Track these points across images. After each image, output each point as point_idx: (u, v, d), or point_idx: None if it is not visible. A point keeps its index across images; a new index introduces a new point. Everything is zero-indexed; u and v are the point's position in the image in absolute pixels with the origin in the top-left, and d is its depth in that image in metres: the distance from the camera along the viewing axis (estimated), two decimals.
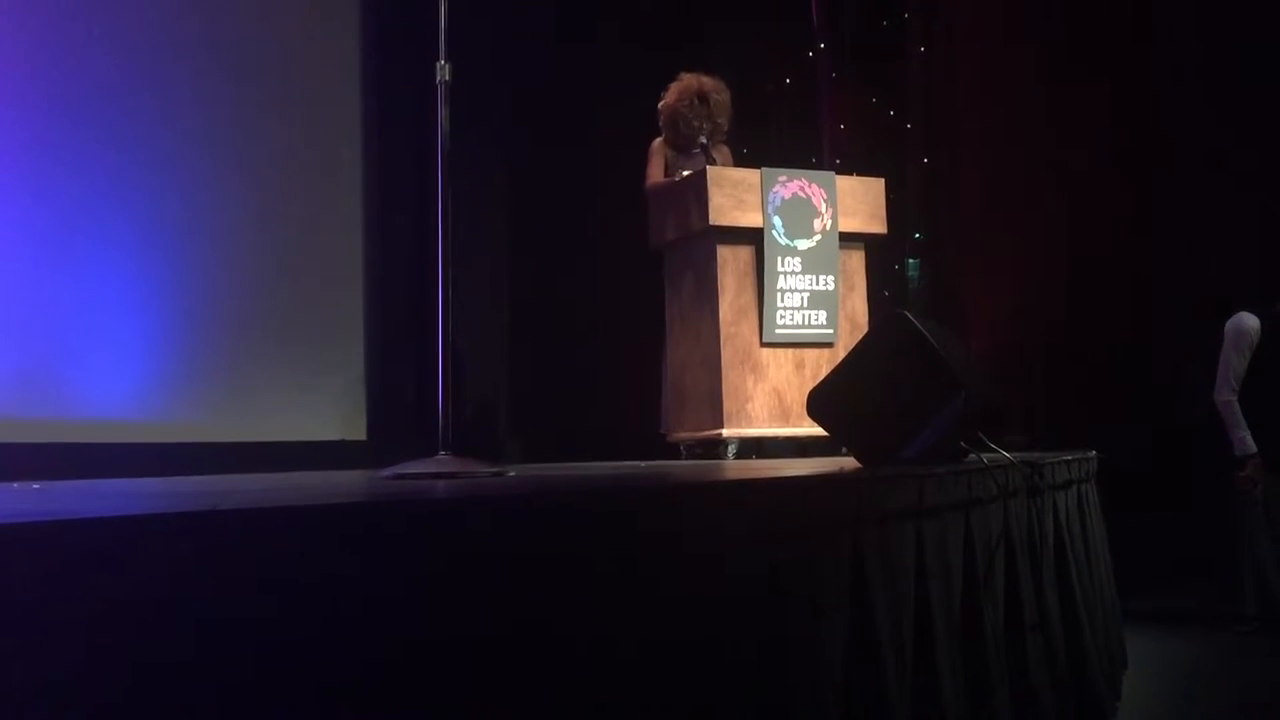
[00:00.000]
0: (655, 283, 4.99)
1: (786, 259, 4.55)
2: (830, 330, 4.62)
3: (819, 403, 2.64)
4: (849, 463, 2.74)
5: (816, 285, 4.59)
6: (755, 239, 4.54)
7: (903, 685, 1.90)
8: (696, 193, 4.55)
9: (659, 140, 5.16)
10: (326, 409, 5.84)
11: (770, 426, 4.52)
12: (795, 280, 4.56)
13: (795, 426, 4.51)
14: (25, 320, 4.89)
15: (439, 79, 2.68)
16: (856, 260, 4.79)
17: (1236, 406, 5.27)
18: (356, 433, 5.93)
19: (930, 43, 7.12)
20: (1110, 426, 5.83)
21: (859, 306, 4.76)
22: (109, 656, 0.87)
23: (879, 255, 5.47)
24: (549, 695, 1.19)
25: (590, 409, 6.29)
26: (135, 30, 5.30)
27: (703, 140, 5.03)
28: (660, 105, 5.13)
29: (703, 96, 5.06)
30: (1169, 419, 5.80)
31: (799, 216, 4.58)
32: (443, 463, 2.50)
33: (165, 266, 5.30)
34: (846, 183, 4.76)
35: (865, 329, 4.64)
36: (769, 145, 6.43)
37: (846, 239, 4.71)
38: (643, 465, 3.81)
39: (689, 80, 5.10)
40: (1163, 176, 6.28)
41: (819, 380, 2.79)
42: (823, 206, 4.62)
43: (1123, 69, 6.42)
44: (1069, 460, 3.39)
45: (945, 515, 2.21)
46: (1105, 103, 6.48)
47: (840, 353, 4.43)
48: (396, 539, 1.09)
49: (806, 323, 4.58)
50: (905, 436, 2.43)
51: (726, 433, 4.45)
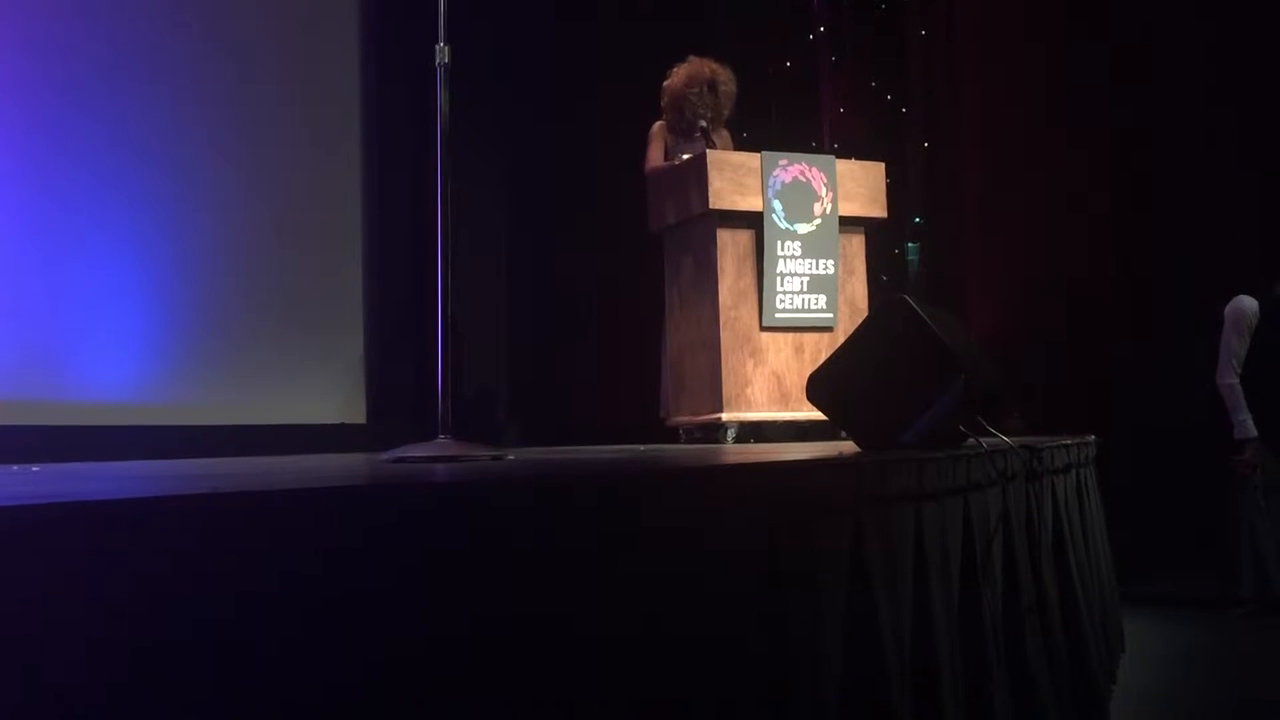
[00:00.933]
0: (655, 266, 4.98)
1: (786, 243, 4.54)
2: (830, 314, 4.62)
3: (818, 387, 2.64)
4: (848, 447, 2.74)
5: (816, 269, 4.59)
6: (755, 223, 4.54)
7: (901, 668, 1.90)
8: (696, 176, 4.54)
9: (659, 123, 5.14)
10: (326, 392, 5.85)
11: (769, 410, 4.52)
12: (795, 264, 4.56)
13: (794, 410, 4.51)
14: (25, 303, 4.88)
15: (438, 62, 2.67)
16: (856, 244, 4.79)
17: (1239, 389, 5.28)
18: (356, 416, 5.94)
19: (930, 26, 7.10)
20: (1109, 411, 5.83)
21: (859, 290, 4.76)
22: (108, 639, 0.87)
23: (879, 239, 5.46)
24: (549, 677, 1.19)
25: (589, 393, 6.29)
26: (134, 15, 5.28)
27: (703, 124, 5.01)
28: (665, 85, 5.11)
29: (712, 85, 5.04)
30: (1168, 402, 5.80)
31: (799, 200, 4.57)
32: (443, 446, 2.50)
33: (165, 250, 5.29)
34: (846, 167, 4.75)
35: (865, 313, 4.64)
36: (769, 129, 6.42)
37: (846, 223, 4.70)
38: (642, 449, 3.81)
39: (699, 66, 5.07)
40: (1164, 160, 6.27)
41: (818, 364, 2.79)
42: (823, 190, 4.61)
43: (1123, 52, 6.40)
44: (1068, 445, 3.40)
45: (944, 499, 2.22)
46: (1105, 87, 6.46)
47: (840, 337, 4.44)
48: (396, 522, 1.09)
49: (806, 307, 4.58)
50: (904, 421, 2.44)
51: (726, 417, 4.45)
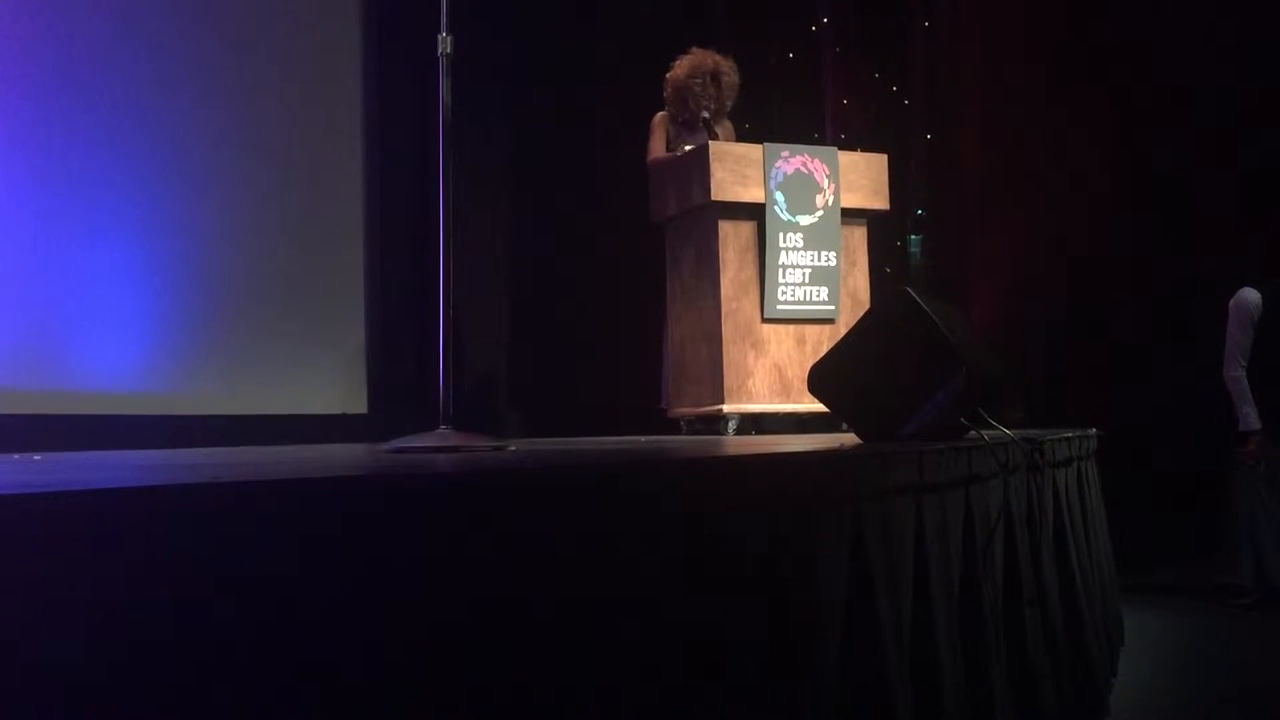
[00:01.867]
0: (657, 258, 4.98)
1: (788, 235, 4.54)
2: (832, 306, 4.62)
3: (820, 379, 2.64)
4: (849, 439, 2.74)
5: (818, 261, 4.59)
6: (757, 214, 4.53)
7: (902, 660, 1.91)
8: (699, 167, 4.54)
9: (661, 114, 5.14)
10: (327, 383, 5.85)
11: (771, 402, 4.52)
12: (797, 256, 4.55)
13: (796, 402, 4.51)
14: (26, 293, 4.88)
15: (440, 51, 2.67)
16: (859, 236, 4.79)
17: (1244, 382, 5.28)
18: (357, 406, 5.94)
19: (933, 18, 7.09)
20: (1111, 403, 5.83)
21: (861, 283, 4.76)
22: (108, 628, 0.87)
23: (881, 231, 5.46)
24: (549, 665, 1.19)
25: (591, 384, 6.29)
26: (139, 6, 5.27)
27: (705, 115, 5.01)
28: (669, 76, 5.10)
29: (715, 77, 5.03)
30: (1170, 395, 5.80)
31: (801, 192, 4.57)
32: (443, 436, 2.50)
33: (166, 239, 5.29)
34: (849, 158, 4.75)
35: (867, 305, 4.64)
36: (771, 120, 6.41)
37: (849, 215, 4.70)
38: (643, 440, 3.82)
39: (703, 57, 5.06)
40: (1167, 151, 6.26)
41: (820, 356, 2.79)
42: (825, 182, 4.61)
43: (1126, 44, 6.39)
44: (1069, 437, 3.40)
45: (945, 491, 2.22)
46: (1108, 79, 6.45)
47: (841, 329, 4.43)
48: (397, 512, 1.10)
49: (808, 299, 4.58)
50: (906, 413, 2.44)
51: (727, 408, 4.45)
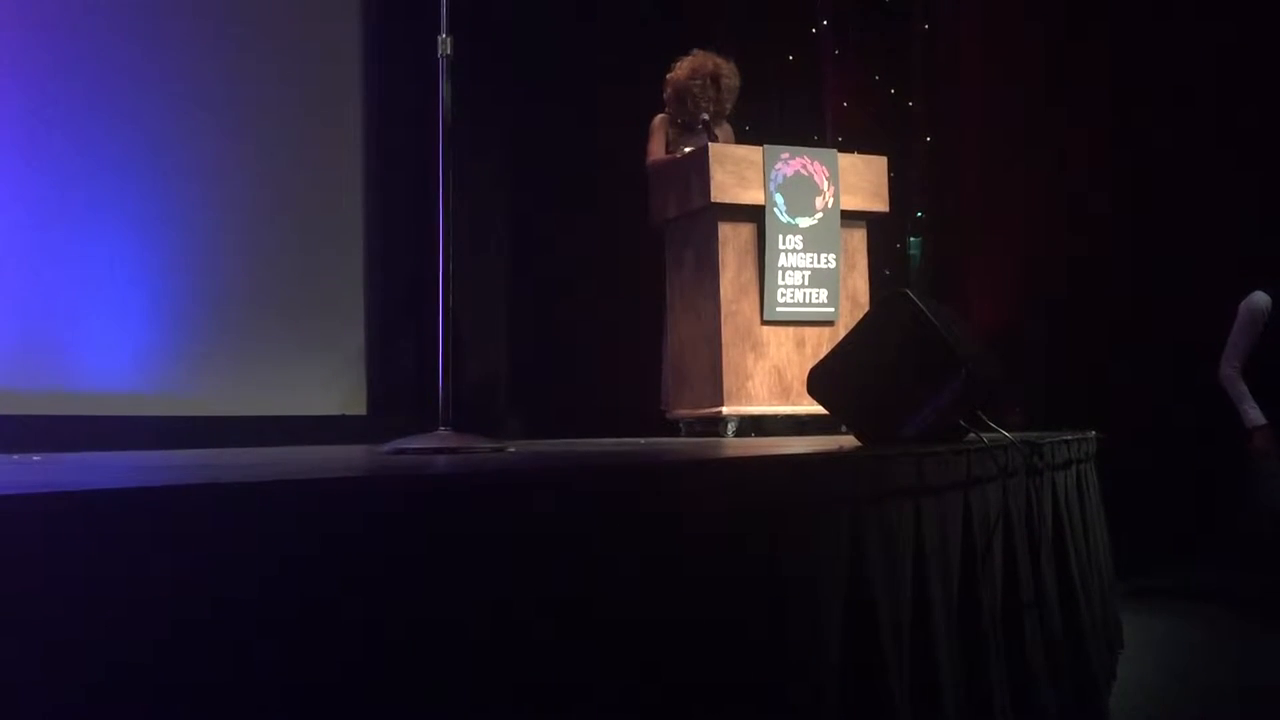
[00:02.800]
0: (656, 259, 4.98)
1: (788, 237, 4.54)
2: (831, 308, 4.62)
3: (819, 381, 2.64)
4: (848, 441, 2.74)
5: (818, 263, 4.59)
6: (757, 216, 4.53)
7: (900, 662, 1.90)
8: (698, 169, 4.54)
9: (660, 116, 5.13)
10: (327, 384, 5.84)
11: (770, 404, 4.52)
12: (796, 258, 4.55)
13: (795, 405, 4.51)
14: (26, 293, 4.88)
15: (440, 53, 2.67)
16: (858, 238, 4.79)
17: (1239, 381, 5.26)
18: (357, 408, 5.93)
19: (933, 20, 7.09)
20: (1110, 406, 5.83)
21: (860, 285, 4.76)
22: (108, 629, 0.87)
23: (881, 234, 5.46)
24: (549, 665, 1.19)
25: (590, 385, 6.29)
26: (137, 6, 5.27)
27: (705, 117, 5.01)
28: (669, 77, 5.10)
29: (715, 79, 5.03)
30: (1170, 397, 5.80)
31: (801, 194, 4.57)
32: (443, 438, 2.50)
33: (166, 240, 5.29)
34: (848, 160, 4.75)
35: (866, 307, 4.63)
36: (771, 122, 6.41)
37: (848, 217, 4.70)
38: (642, 442, 3.82)
39: (703, 59, 5.06)
40: (1166, 154, 6.26)
41: (819, 358, 2.79)
42: (824, 184, 4.61)
43: (1125, 46, 6.39)
44: (1068, 440, 3.40)
45: (944, 494, 2.22)
46: (1108, 81, 6.45)
47: (841, 331, 4.43)
48: (396, 513, 1.09)
49: (807, 301, 4.58)
50: (905, 415, 2.44)
51: (726, 410, 4.45)
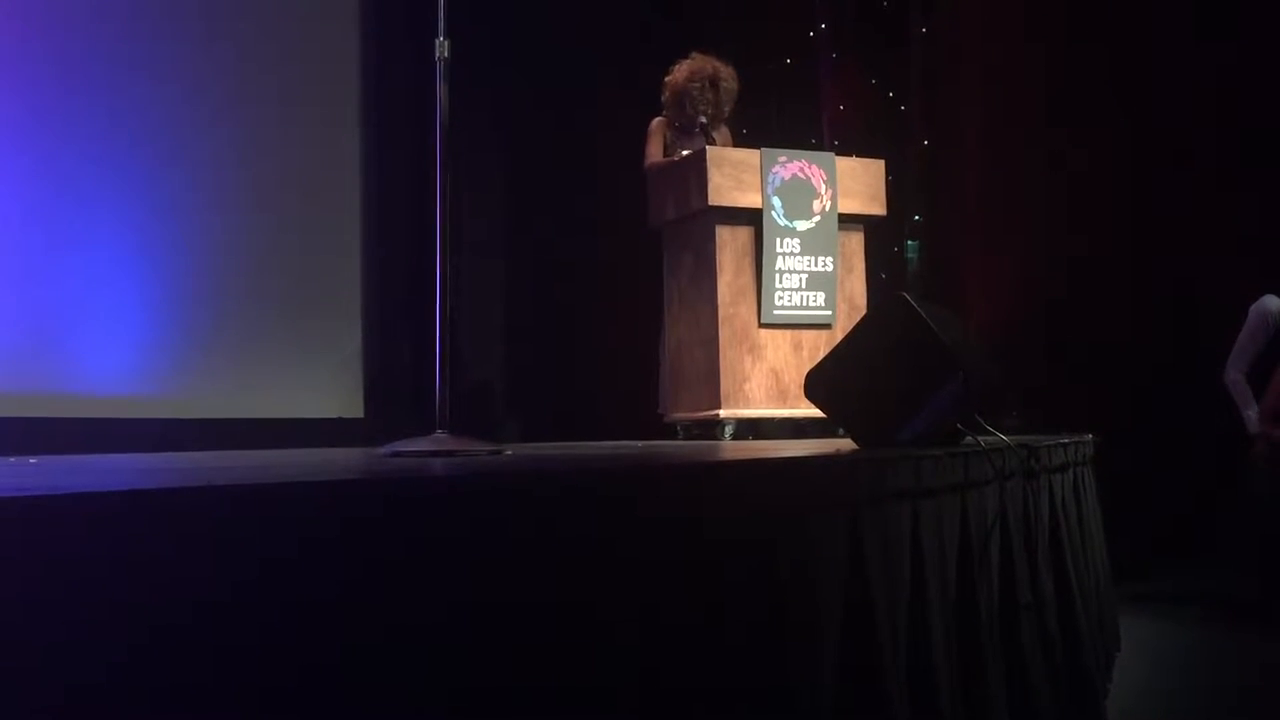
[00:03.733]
0: (654, 262, 4.98)
1: (785, 240, 4.54)
2: (828, 312, 4.62)
3: (816, 384, 2.64)
4: (846, 444, 2.74)
5: (815, 266, 4.59)
6: (754, 219, 4.54)
7: (898, 664, 1.91)
8: (696, 172, 4.54)
9: (658, 120, 5.14)
10: (324, 386, 5.84)
11: (767, 407, 4.52)
12: (794, 261, 4.55)
13: (792, 408, 4.51)
14: (22, 295, 4.88)
15: (438, 56, 2.67)
16: (855, 242, 4.79)
17: (1244, 385, 5.26)
18: (354, 410, 5.93)
19: (931, 24, 7.10)
20: (1108, 409, 5.83)
21: (857, 288, 4.76)
22: (104, 632, 0.87)
23: (878, 237, 5.46)
24: (546, 669, 1.19)
25: (587, 388, 6.29)
26: (136, 9, 5.28)
27: (703, 120, 5.01)
28: (667, 80, 5.10)
29: (714, 82, 5.03)
30: (1168, 401, 5.80)
31: (798, 197, 4.57)
32: (440, 441, 2.50)
33: (163, 242, 5.29)
34: (846, 164, 4.75)
35: (863, 310, 4.64)
36: (769, 125, 6.41)
37: (845, 220, 4.70)
38: (639, 445, 3.81)
39: (702, 62, 5.07)
40: (1166, 158, 6.26)
41: (817, 361, 2.79)
42: (822, 188, 4.61)
43: (1125, 50, 6.40)
44: (1065, 443, 3.40)
45: (941, 497, 2.22)
46: (1107, 85, 6.46)
47: (838, 334, 4.43)
48: (393, 516, 1.09)
49: (805, 304, 4.58)
50: (902, 418, 2.44)
51: (724, 413, 4.45)
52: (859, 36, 7.08)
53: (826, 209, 4.61)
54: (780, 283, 4.53)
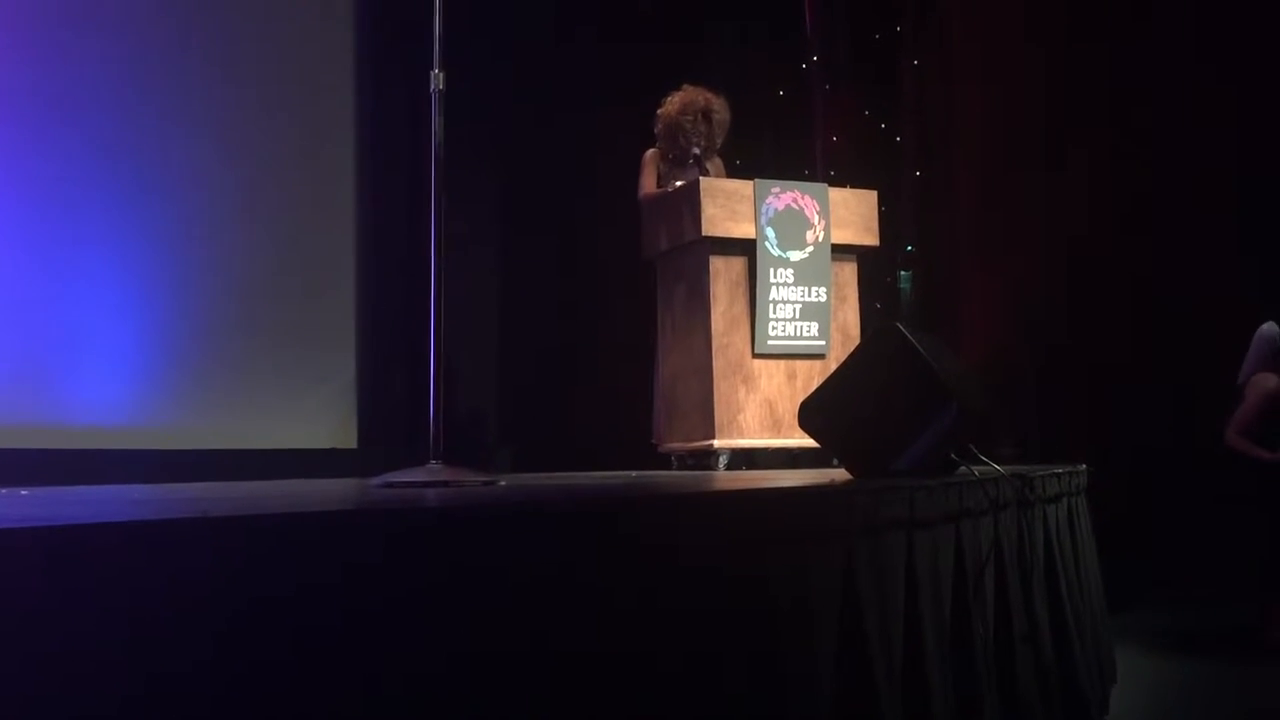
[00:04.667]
0: (648, 292, 4.99)
1: (779, 270, 4.55)
2: (822, 342, 4.62)
3: (810, 414, 2.64)
4: (840, 474, 2.74)
5: (808, 297, 4.60)
6: (748, 250, 4.55)
7: (893, 696, 1.90)
8: (690, 203, 4.55)
9: (652, 151, 5.16)
10: (317, 417, 5.83)
11: (761, 437, 4.52)
12: (787, 291, 4.56)
13: (786, 437, 4.51)
14: (14, 326, 4.87)
15: (433, 87, 2.68)
16: (849, 272, 4.80)
17: (1242, 441, 5.23)
18: (347, 441, 5.92)
19: (923, 55, 7.15)
20: (1102, 439, 5.84)
21: (851, 318, 4.77)
22: (97, 663, 0.87)
23: (871, 267, 5.48)
24: (539, 700, 1.18)
25: (582, 418, 6.28)
26: (130, 36, 5.30)
27: (696, 152, 5.03)
28: (660, 113, 5.12)
29: (706, 114, 5.05)
30: (1164, 431, 5.81)
31: (792, 228, 4.58)
32: (433, 471, 2.50)
33: (157, 272, 5.29)
34: (839, 194, 4.77)
35: (857, 341, 4.64)
36: (762, 156, 6.44)
37: (839, 250, 4.72)
38: (633, 475, 3.81)
39: (693, 94, 5.09)
40: (1158, 191, 6.30)
41: (810, 391, 2.80)
42: (815, 218, 4.63)
43: (1119, 84, 6.44)
44: (1059, 473, 3.40)
45: (936, 527, 2.22)
46: (1100, 117, 6.50)
47: (832, 364, 4.44)
48: (387, 547, 1.09)
49: (798, 334, 4.59)
50: (896, 448, 2.44)
51: (718, 443, 4.45)
52: (851, 68, 7.13)
53: (820, 239, 4.63)
54: (774, 313, 4.54)
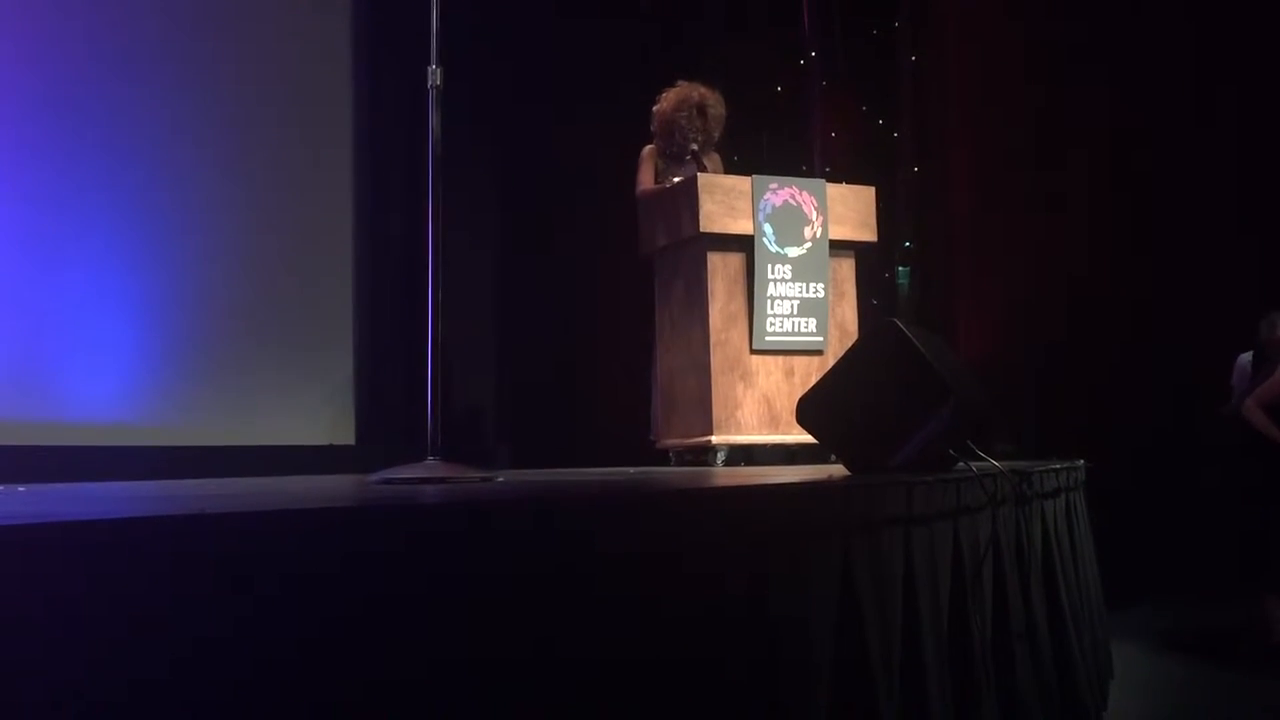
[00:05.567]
0: (646, 289, 4.99)
1: (777, 266, 4.55)
2: (820, 338, 4.62)
3: (808, 410, 2.64)
4: (838, 470, 2.74)
5: (806, 293, 4.60)
6: (746, 246, 4.54)
7: (891, 693, 1.90)
8: (688, 199, 4.55)
9: (649, 147, 5.15)
10: (315, 413, 5.83)
11: (759, 434, 4.52)
12: (785, 288, 4.56)
13: (784, 434, 4.51)
14: (13, 323, 4.87)
15: (430, 84, 2.68)
16: (846, 268, 4.80)
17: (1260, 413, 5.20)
18: (345, 437, 5.92)
19: (920, 52, 7.15)
20: (1100, 435, 5.84)
21: (849, 314, 4.77)
22: (96, 660, 0.87)
23: (869, 263, 5.48)
24: (538, 699, 1.18)
25: (579, 415, 6.29)
26: (128, 35, 5.29)
27: (693, 148, 5.03)
28: (655, 110, 5.12)
29: (701, 109, 5.04)
30: (1160, 426, 5.81)
31: (790, 224, 4.58)
32: (431, 468, 2.49)
33: (155, 270, 5.28)
34: (837, 190, 4.77)
35: (855, 337, 4.64)
36: (760, 152, 6.44)
37: (836, 247, 4.72)
38: (631, 471, 3.81)
39: (687, 90, 5.08)
40: (1156, 189, 6.30)
41: (808, 388, 2.80)
42: (813, 214, 4.63)
43: (1117, 77, 6.44)
44: (1057, 469, 3.40)
45: (934, 523, 2.22)
46: (1098, 112, 6.50)
47: (830, 360, 4.43)
48: (384, 543, 1.09)
49: (796, 330, 4.59)
50: (894, 444, 2.44)
51: (716, 439, 4.45)
52: (849, 64, 7.13)
53: (818, 235, 4.63)
54: (772, 309, 4.54)
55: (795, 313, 4.58)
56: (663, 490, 1.77)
